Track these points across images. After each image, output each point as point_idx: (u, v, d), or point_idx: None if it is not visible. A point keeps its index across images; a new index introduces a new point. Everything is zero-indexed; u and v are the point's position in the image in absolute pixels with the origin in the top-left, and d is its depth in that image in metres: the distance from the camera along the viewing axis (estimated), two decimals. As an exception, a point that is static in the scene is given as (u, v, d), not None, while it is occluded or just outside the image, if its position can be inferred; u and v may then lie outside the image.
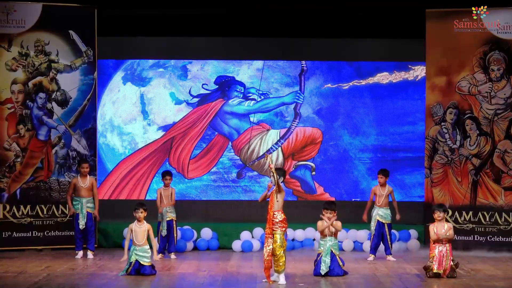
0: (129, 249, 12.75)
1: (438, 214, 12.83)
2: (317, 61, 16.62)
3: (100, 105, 16.60)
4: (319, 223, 12.82)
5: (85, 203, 14.66)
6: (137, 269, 12.62)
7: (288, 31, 16.33)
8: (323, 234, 12.84)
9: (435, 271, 12.60)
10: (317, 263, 12.69)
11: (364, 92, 16.75)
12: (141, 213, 12.82)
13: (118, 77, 16.76)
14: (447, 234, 12.78)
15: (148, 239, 12.87)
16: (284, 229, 12.12)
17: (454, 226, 13.83)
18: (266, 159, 12.85)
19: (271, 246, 12.07)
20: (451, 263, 12.67)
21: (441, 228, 12.76)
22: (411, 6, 15.51)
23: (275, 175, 11.95)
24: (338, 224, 12.87)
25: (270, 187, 12.16)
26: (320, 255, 12.70)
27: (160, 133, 16.75)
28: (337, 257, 12.72)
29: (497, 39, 15.29)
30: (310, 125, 16.77)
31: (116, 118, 16.77)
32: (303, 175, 16.75)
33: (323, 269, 12.59)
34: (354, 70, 16.71)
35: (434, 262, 12.69)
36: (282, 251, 12.05)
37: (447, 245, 12.77)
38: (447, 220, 13.48)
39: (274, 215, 12.06)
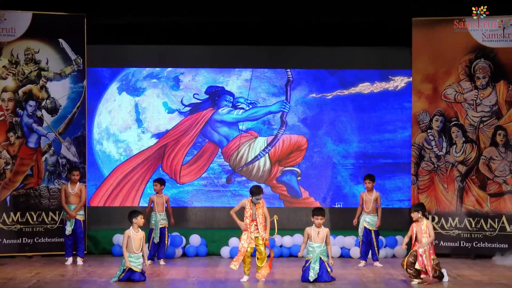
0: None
1: (412, 215, 10.83)
2: (302, 69, 14.52)
3: (97, 114, 14.37)
4: (308, 230, 10.85)
5: (73, 210, 12.32)
6: (128, 276, 10.67)
7: (274, 39, 14.27)
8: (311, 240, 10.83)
9: (417, 267, 10.49)
10: (306, 269, 10.66)
11: (347, 102, 14.53)
12: (141, 219, 10.87)
13: (113, 87, 14.48)
14: (424, 235, 10.60)
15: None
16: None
17: (440, 232, 12.02)
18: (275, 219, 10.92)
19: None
20: (432, 262, 10.53)
21: (419, 228, 10.65)
22: (395, 14, 13.40)
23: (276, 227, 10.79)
24: (328, 240, 10.84)
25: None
26: (309, 262, 10.66)
27: (154, 141, 14.53)
28: (326, 263, 10.67)
29: (482, 47, 13.03)
30: (295, 133, 14.54)
31: (112, 126, 14.50)
32: (289, 180, 14.47)
33: (312, 275, 10.55)
34: (337, 81, 14.52)
35: (418, 260, 10.53)
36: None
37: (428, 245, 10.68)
38: (427, 218, 11.18)
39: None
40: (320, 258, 10.58)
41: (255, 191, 10.72)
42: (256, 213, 10.68)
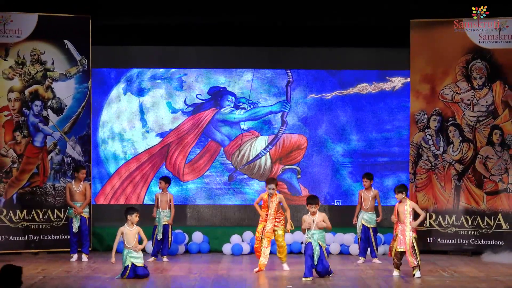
0: (119, 251, 10.70)
1: (396, 196, 10.59)
2: (302, 70, 14.32)
3: (102, 113, 14.17)
4: (305, 217, 10.53)
5: (79, 207, 12.09)
6: (133, 273, 10.42)
7: (274, 40, 14.07)
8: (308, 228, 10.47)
9: (398, 249, 10.40)
10: (307, 246, 10.26)
11: (345, 102, 14.34)
12: (135, 217, 10.62)
13: (119, 87, 14.27)
14: (407, 216, 10.36)
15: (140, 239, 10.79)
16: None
17: (437, 230, 11.78)
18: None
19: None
20: (412, 240, 10.28)
21: (402, 208, 10.43)
22: (393, 16, 13.18)
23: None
24: (327, 222, 10.44)
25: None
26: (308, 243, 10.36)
27: (158, 140, 14.33)
28: (324, 249, 10.35)
29: (479, 48, 12.75)
30: (296, 132, 14.35)
31: (117, 126, 14.30)
32: (289, 178, 14.31)
33: (315, 257, 10.21)
34: (336, 81, 14.32)
35: (397, 241, 10.43)
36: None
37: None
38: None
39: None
40: (319, 244, 10.22)
41: (267, 181, 11.06)
42: (271, 206, 10.82)
